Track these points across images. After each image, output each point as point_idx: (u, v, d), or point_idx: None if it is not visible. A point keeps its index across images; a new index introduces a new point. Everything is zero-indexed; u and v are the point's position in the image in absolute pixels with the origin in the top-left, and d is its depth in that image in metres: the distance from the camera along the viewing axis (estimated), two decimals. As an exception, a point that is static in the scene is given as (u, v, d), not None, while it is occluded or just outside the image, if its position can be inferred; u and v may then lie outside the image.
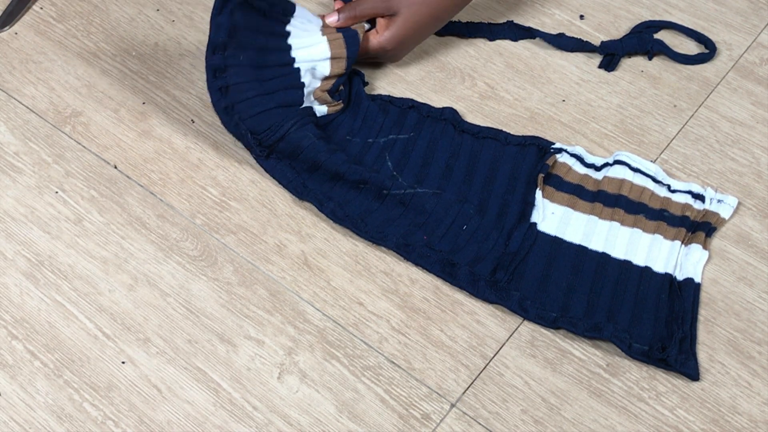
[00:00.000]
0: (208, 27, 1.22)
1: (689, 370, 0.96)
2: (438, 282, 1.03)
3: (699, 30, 1.23)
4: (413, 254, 1.02)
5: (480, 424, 0.94)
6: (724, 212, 1.06)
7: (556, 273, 1.01)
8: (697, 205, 1.06)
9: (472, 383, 0.96)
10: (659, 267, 1.02)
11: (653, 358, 0.96)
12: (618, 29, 1.23)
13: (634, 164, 1.08)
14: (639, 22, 1.24)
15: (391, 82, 1.18)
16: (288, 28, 1.08)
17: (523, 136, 1.11)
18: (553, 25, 1.24)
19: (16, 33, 1.23)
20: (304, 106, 1.09)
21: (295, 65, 1.08)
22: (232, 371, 0.97)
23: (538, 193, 1.06)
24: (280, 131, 1.06)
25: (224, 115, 1.07)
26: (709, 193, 1.07)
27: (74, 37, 1.22)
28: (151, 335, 0.99)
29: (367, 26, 1.14)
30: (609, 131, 1.14)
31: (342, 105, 1.12)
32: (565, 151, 1.10)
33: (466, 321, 1.00)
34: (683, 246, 1.03)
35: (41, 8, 1.25)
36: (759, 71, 1.20)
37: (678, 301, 1.00)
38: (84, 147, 1.12)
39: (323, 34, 1.10)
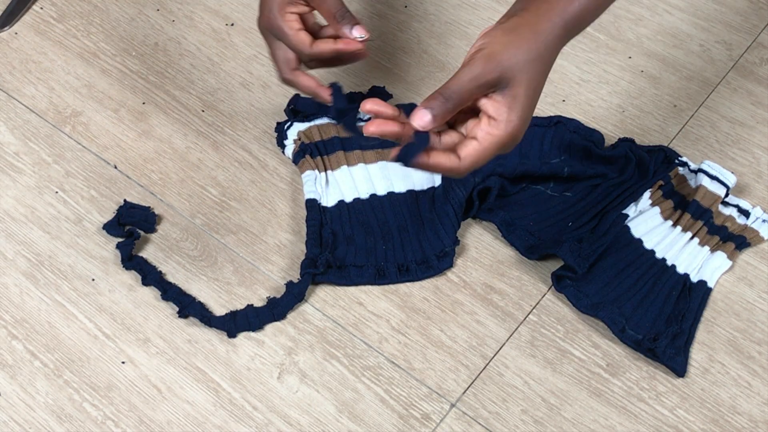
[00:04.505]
0: (207, 27, 1.22)
1: (676, 365, 0.96)
2: (438, 282, 1.03)
3: (699, 30, 1.23)
4: (512, 234, 1.05)
5: (480, 424, 0.94)
6: (766, 232, 1.06)
7: (608, 258, 1.03)
8: (741, 220, 1.06)
9: (472, 383, 0.96)
10: (682, 268, 1.02)
11: (643, 347, 0.97)
12: (618, 29, 1.23)
13: (712, 172, 1.07)
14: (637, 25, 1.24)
15: (391, 82, 1.18)
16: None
17: (651, 146, 1.11)
18: (553, 25, 1.24)
19: (16, 33, 1.23)
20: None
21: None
22: (232, 371, 0.97)
23: (647, 194, 1.06)
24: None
25: None
26: (756, 212, 1.06)
27: (74, 37, 1.22)
28: (151, 335, 0.99)
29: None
30: (609, 131, 1.14)
31: None
32: (688, 166, 1.09)
33: (466, 321, 1.00)
34: (710, 252, 1.04)
35: (41, 8, 1.25)
36: (759, 71, 1.20)
37: (684, 300, 1.00)
38: (84, 147, 1.12)
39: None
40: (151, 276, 1.01)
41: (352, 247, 1.03)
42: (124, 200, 1.07)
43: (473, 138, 0.81)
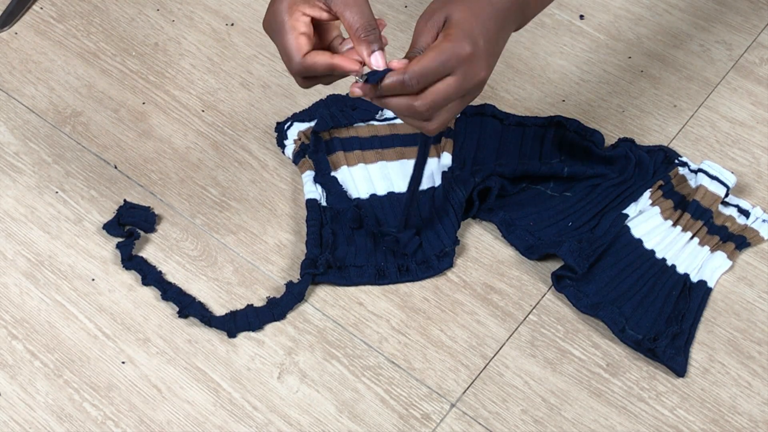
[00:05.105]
0: (207, 27, 1.22)
1: (676, 365, 0.96)
2: (438, 282, 1.03)
3: (699, 30, 1.23)
4: (512, 234, 1.05)
5: (480, 424, 0.94)
6: (766, 233, 1.06)
7: (608, 258, 1.03)
8: (741, 220, 1.06)
9: (472, 383, 0.96)
10: (682, 268, 1.02)
11: (643, 347, 0.97)
12: (618, 29, 1.23)
13: (712, 172, 1.07)
14: (638, 21, 1.24)
15: (391, 82, 1.17)
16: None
17: (651, 146, 1.11)
18: (553, 25, 1.24)
19: (16, 33, 1.23)
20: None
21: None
22: (232, 371, 0.97)
23: (647, 193, 1.06)
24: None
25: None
26: (756, 212, 1.06)
27: (74, 37, 1.22)
28: (151, 335, 0.99)
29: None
30: (609, 131, 1.14)
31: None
32: (688, 166, 1.09)
33: (466, 321, 1.00)
34: (710, 252, 1.04)
35: (41, 8, 1.25)
36: (759, 71, 1.20)
37: (684, 300, 1.00)
38: (84, 147, 1.12)
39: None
40: (151, 276, 1.01)
41: (352, 247, 1.03)
42: (124, 200, 1.07)
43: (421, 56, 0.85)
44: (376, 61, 0.84)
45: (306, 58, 0.85)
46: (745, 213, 1.06)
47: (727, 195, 1.06)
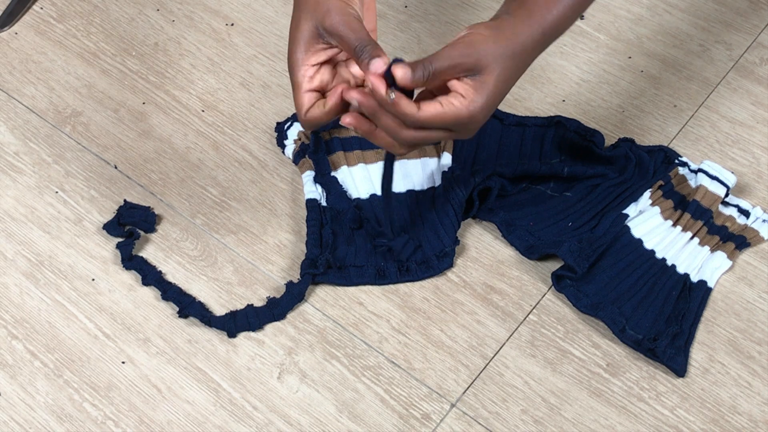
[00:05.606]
0: (207, 27, 1.22)
1: (676, 365, 0.96)
2: (438, 282, 1.03)
3: (699, 30, 1.23)
4: (512, 234, 1.05)
5: (480, 424, 0.94)
6: (766, 233, 1.06)
7: (608, 258, 1.03)
8: (741, 220, 1.06)
9: (472, 383, 0.97)
10: (682, 268, 1.02)
11: (643, 347, 0.97)
12: (618, 29, 1.23)
13: (712, 172, 1.07)
14: (639, 18, 1.24)
15: (391, 82, 1.17)
16: None
17: (651, 146, 1.11)
18: (553, 25, 1.24)
19: (16, 33, 1.23)
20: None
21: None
22: (232, 371, 0.97)
23: (647, 193, 1.06)
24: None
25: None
26: (756, 212, 1.06)
27: (74, 37, 1.22)
28: (151, 335, 0.99)
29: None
30: (609, 131, 1.14)
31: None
32: (688, 166, 1.09)
33: (466, 321, 1.00)
34: (710, 252, 1.04)
35: (41, 8, 1.25)
36: (759, 71, 1.20)
37: (684, 300, 1.00)
38: (84, 147, 1.12)
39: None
40: (151, 276, 1.02)
41: (352, 248, 1.04)
42: (124, 200, 1.07)
43: (437, 102, 0.85)
44: (378, 66, 0.83)
45: (308, 115, 0.87)
46: (745, 213, 1.06)
47: (727, 195, 1.07)
